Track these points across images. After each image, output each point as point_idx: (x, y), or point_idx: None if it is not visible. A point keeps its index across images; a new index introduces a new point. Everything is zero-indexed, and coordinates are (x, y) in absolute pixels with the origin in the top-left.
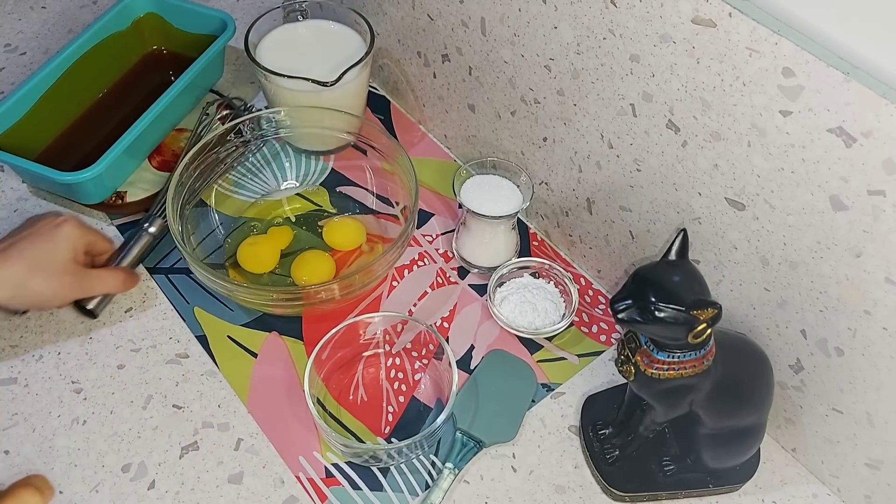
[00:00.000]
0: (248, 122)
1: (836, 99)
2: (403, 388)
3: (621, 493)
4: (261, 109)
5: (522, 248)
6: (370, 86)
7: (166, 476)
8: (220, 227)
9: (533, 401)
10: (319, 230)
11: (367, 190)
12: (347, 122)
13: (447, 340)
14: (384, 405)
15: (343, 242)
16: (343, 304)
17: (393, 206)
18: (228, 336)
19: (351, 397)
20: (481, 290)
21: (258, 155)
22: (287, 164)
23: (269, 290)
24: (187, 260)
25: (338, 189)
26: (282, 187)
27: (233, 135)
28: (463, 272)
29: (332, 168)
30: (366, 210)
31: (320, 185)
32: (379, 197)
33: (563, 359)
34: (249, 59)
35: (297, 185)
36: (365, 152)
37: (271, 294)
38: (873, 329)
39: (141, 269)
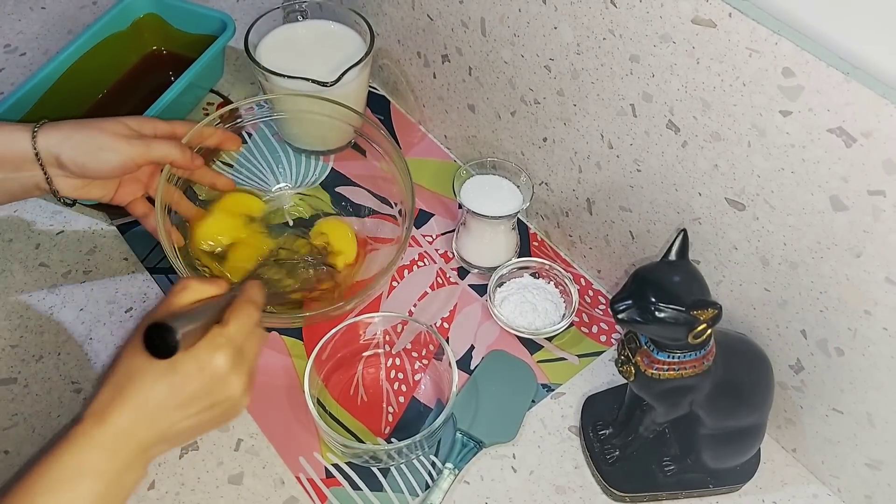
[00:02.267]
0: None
1: (836, 99)
2: (403, 388)
3: (621, 494)
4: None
5: (522, 249)
6: (370, 86)
7: (166, 476)
8: None
9: (533, 401)
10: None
11: (366, 190)
12: (347, 122)
13: (447, 341)
14: (384, 405)
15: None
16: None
17: (392, 207)
18: None
19: (351, 397)
20: (481, 290)
21: (258, 154)
22: (287, 164)
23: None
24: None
25: (337, 189)
26: (273, 189)
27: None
28: (463, 272)
29: (332, 168)
30: (365, 210)
31: (320, 185)
32: (378, 197)
33: (563, 359)
34: (249, 59)
35: (292, 186)
36: (364, 152)
37: (272, 316)
38: (873, 329)
39: (141, 268)
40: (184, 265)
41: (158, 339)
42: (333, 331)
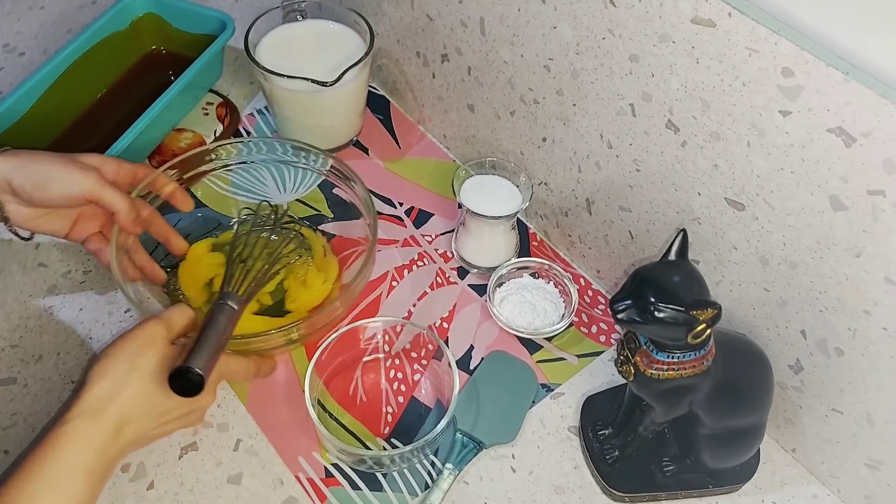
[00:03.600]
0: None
1: (836, 99)
2: (403, 388)
3: (621, 494)
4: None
5: (522, 249)
6: (370, 86)
7: (165, 477)
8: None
9: (532, 401)
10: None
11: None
12: (347, 122)
13: (447, 341)
14: (383, 406)
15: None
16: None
17: (394, 207)
18: None
19: (350, 398)
20: (481, 290)
21: (258, 155)
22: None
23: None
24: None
25: (335, 191)
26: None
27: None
28: (462, 272)
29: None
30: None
31: (318, 186)
32: (380, 197)
33: (562, 359)
34: (249, 58)
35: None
36: (367, 151)
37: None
38: (873, 329)
39: None
40: (137, 302)
41: (184, 383)
42: (333, 336)
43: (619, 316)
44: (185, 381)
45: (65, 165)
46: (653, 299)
